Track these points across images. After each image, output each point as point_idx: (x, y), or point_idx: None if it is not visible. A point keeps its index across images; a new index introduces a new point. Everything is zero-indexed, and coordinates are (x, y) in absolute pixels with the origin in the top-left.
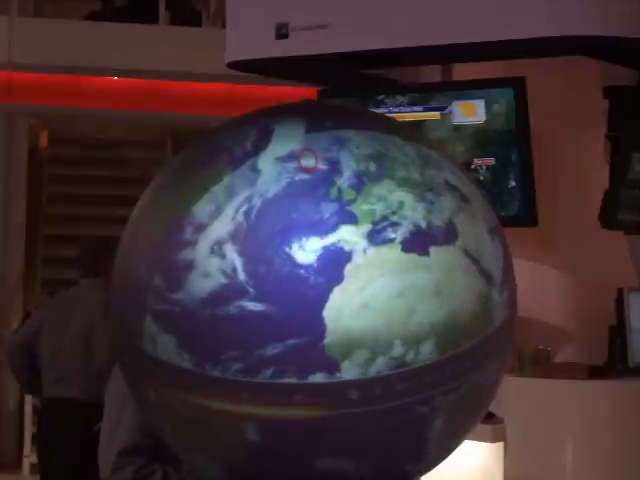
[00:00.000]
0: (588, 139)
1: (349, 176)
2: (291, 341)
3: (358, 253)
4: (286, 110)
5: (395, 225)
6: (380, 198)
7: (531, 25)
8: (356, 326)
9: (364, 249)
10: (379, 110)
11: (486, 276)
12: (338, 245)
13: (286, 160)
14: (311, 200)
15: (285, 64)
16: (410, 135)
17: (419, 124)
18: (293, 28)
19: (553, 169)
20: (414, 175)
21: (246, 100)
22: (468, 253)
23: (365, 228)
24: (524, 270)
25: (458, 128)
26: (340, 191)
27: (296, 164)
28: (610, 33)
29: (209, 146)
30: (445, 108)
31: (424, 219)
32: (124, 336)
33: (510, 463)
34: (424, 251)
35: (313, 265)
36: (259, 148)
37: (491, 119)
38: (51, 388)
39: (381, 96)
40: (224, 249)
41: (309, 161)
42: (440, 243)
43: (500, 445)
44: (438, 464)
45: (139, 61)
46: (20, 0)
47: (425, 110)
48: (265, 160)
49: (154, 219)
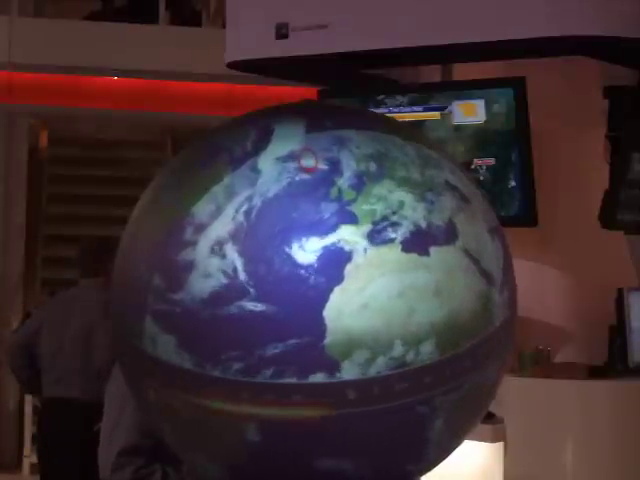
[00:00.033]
0: (588, 139)
1: (349, 176)
2: (291, 341)
3: (358, 253)
4: (286, 110)
5: (395, 225)
6: (380, 198)
7: (531, 25)
8: (356, 326)
9: (364, 249)
10: (379, 110)
11: (486, 276)
12: (338, 245)
13: (286, 160)
14: (311, 200)
15: (285, 64)
16: (410, 135)
17: (419, 124)
18: (293, 28)
19: (553, 169)
20: (414, 175)
21: (246, 100)
22: (468, 253)
23: (365, 228)
24: (524, 270)
25: (458, 128)
26: (340, 191)
27: (296, 164)
28: (610, 33)
29: (209, 146)
30: (445, 108)
31: (424, 219)
32: (124, 336)
33: (510, 463)
34: (424, 251)
35: (313, 265)
36: (259, 148)
37: (491, 119)
38: (51, 388)
39: (381, 96)
40: (224, 249)
41: (309, 161)
42: (440, 243)
43: (500, 445)
44: (438, 464)
45: (139, 61)
46: (20, 0)
47: (425, 110)
48: (265, 160)
49: (154, 219)
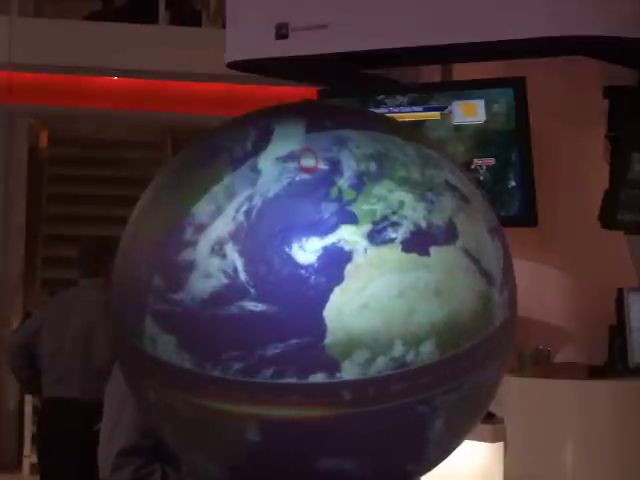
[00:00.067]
0: (588, 139)
1: (349, 176)
2: (291, 341)
3: (358, 253)
4: (286, 110)
5: (395, 225)
6: (380, 198)
7: (531, 25)
8: (356, 326)
9: (364, 249)
10: (379, 110)
11: (486, 276)
12: (338, 245)
13: (286, 160)
14: (311, 200)
15: (285, 64)
16: (410, 135)
17: (419, 124)
18: (293, 28)
19: (553, 169)
20: (414, 175)
21: (246, 100)
22: (468, 253)
23: (365, 228)
24: (524, 270)
25: (458, 128)
26: (340, 191)
27: (296, 164)
28: (610, 33)
29: (209, 146)
30: (445, 108)
31: (424, 219)
32: (124, 336)
33: (510, 463)
34: (424, 251)
35: (313, 265)
36: (259, 148)
37: (491, 119)
38: (51, 388)
39: (381, 96)
40: (225, 249)
41: (309, 161)
42: (440, 243)
43: (500, 445)
44: (438, 464)
45: (139, 61)
46: (20, 0)
47: (425, 110)
48: (265, 160)
49: (154, 219)
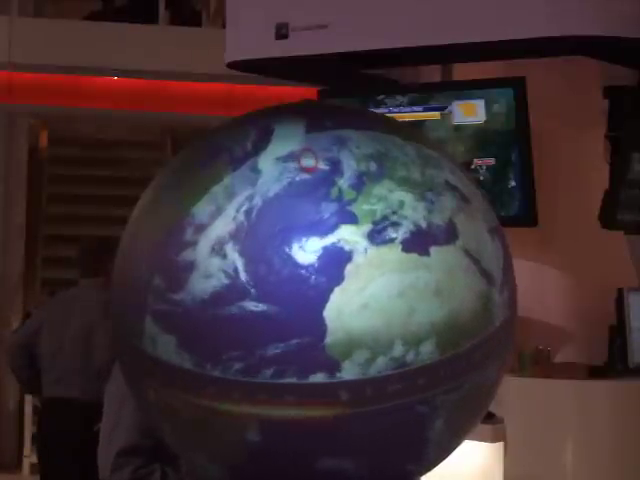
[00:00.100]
0: (588, 139)
1: (349, 176)
2: (292, 341)
3: (358, 253)
4: (286, 110)
5: (395, 225)
6: (380, 198)
7: (531, 25)
8: (356, 326)
9: (365, 249)
10: (379, 110)
11: (486, 276)
12: (338, 245)
13: (286, 160)
14: (312, 200)
15: (285, 64)
16: (410, 135)
17: (419, 124)
18: (293, 28)
19: (553, 169)
20: (414, 175)
21: (246, 100)
22: (468, 253)
23: (365, 228)
24: (524, 270)
25: (458, 128)
26: (340, 191)
27: (296, 164)
28: (610, 33)
29: (209, 146)
30: (445, 108)
31: (424, 219)
32: (124, 336)
33: (510, 463)
34: (424, 251)
35: (314, 265)
36: (259, 148)
37: (491, 119)
38: (51, 388)
39: (381, 96)
40: (225, 249)
41: (309, 161)
42: (440, 243)
43: (500, 445)
44: (438, 464)
45: (139, 61)
46: (20, 0)
47: (425, 110)
48: (265, 160)
49: (154, 219)
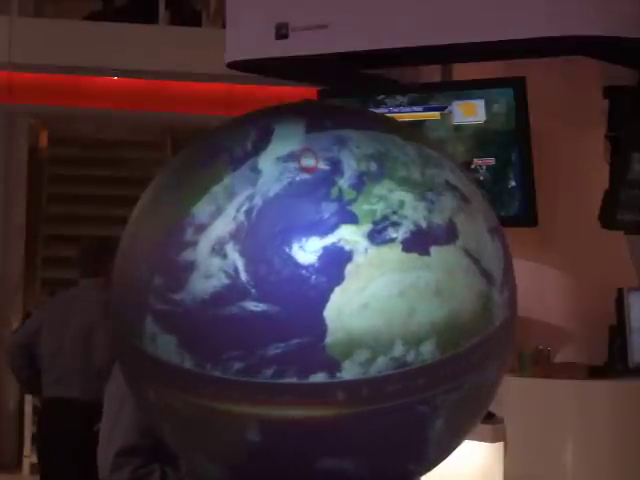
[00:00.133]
0: (588, 139)
1: (350, 176)
2: (292, 341)
3: (359, 253)
4: (286, 110)
5: (396, 225)
6: (381, 198)
7: (531, 25)
8: (357, 326)
9: (365, 249)
10: (379, 110)
11: (486, 276)
12: (339, 245)
13: (287, 160)
14: (312, 200)
15: (285, 64)
16: (410, 135)
17: (419, 124)
18: (293, 28)
19: (553, 169)
20: (414, 175)
21: (246, 100)
22: (468, 253)
23: (366, 228)
24: (524, 270)
25: (458, 128)
26: (341, 191)
27: (297, 164)
28: (610, 33)
29: (209, 146)
30: (445, 108)
31: (425, 219)
32: (124, 336)
33: (510, 463)
34: (425, 251)
35: (314, 265)
36: (259, 148)
37: (491, 119)
38: (51, 388)
39: (381, 96)
40: (225, 249)
41: (309, 161)
42: (441, 243)
43: (500, 445)
44: (438, 464)
45: (139, 61)
46: (20, 0)
47: (425, 110)
48: (265, 160)
49: (154, 219)
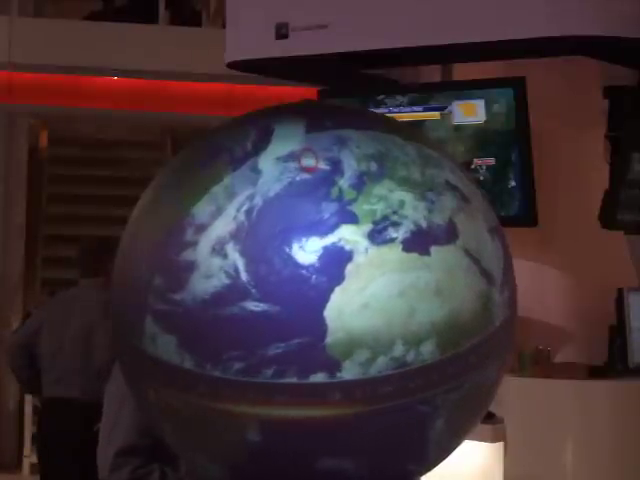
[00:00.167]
0: (588, 139)
1: (350, 176)
2: (292, 341)
3: (359, 253)
4: (286, 110)
5: (396, 225)
6: (381, 198)
7: (531, 25)
8: (357, 326)
9: (365, 249)
10: (379, 110)
11: (486, 276)
12: (339, 245)
13: (287, 160)
14: (312, 200)
15: (285, 64)
16: (411, 135)
17: (419, 124)
18: (293, 28)
19: (553, 169)
20: (415, 175)
21: (246, 100)
22: (469, 253)
23: (366, 228)
24: (524, 270)
25: (458, 128)
26: (341, 191)
27: (297, 164)
28: (610, 33)
29: (209, 146)
30: (445, 108)
31: (425, 219)
32: (124, 336)
33: (510, 463)
34: (425, 250)
35: (314, 265)
36: (259, 148)
37: (491, 119)
38: (51, 388)
39: (381, 96)
40: (226, 249)
41: (310, 161)
42: (441, 242)
43: (500, 445)
44: (438, 464)
45: (139, 61)
46: (20, 0)
47: (425, 110)
48: (265, 160)
49: (154, 219)
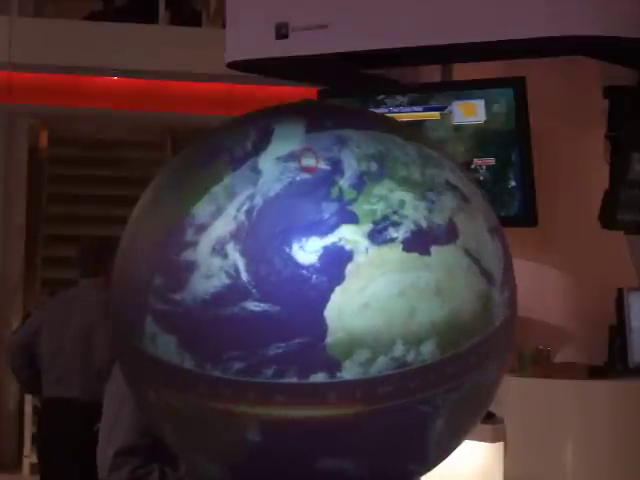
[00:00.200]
0: (588, 139)
1: (350, 176)
2: (293, 341)
3: (359, 253)
4: (286, 110)
5: (396, 224)
6: (381, 198)
7: (531, 25)
8: (357, 326)
9: (365, 249)
10: (379, 110)
11: (486, 275)
12: (339, 245)
13: (287, 160)
14: (312, 200)
15: (285, 64)
16: (411, 135)
17: (419, 124)
18: (293, 28)
19: (553, 169)
20: (415, 175)
21: (246, 100)
22: (469, 252)
23: (366, 228)
24: (524, 270)
25: (458, 128)
26: (341, 191)
27: (297, 164)
28: (610, 33)
29: (209, 146)
30: (445, 108)
31: (425, 218)
32: (124, 336)
33: (510, 463)
34: (425, 250)
35: (315, 265)
36: (259, 148)
37: (491, 119)
38: (51, 388)
39: (381, 96)
40: (226, 249)
41: (310, 161)
42: (441, 242)
43: (500, 445)
44: (438, 464)
45: (139, 61)
46: (20, 0)
47: (425, 110)
48: (266, 160)
49: (154, 219)
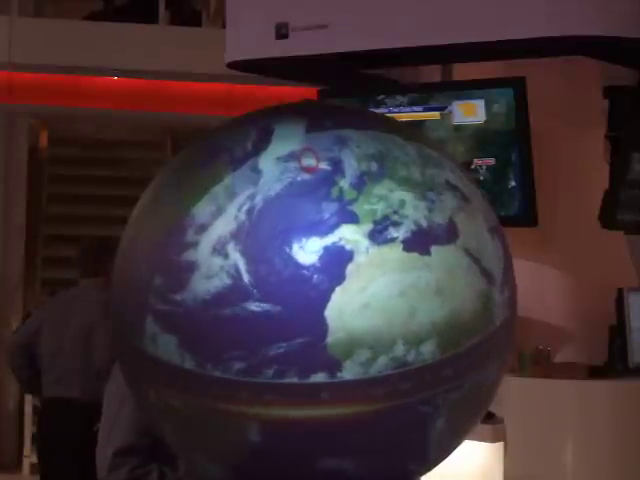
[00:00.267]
0: (588, 139)
1: (350, 176)
2: (293, 341)
3: (360, 252)
4: (286, 110)
5: (396, 224)
6: (381, 197)
7: (531, 25)
8: (358, 325)
9: (366, 248)
10: (379, 110)
11: (487, 275)
12: (339, 244)
13: (287, 160)
14: (313, 200)
15: (285, 64)
16: (411, 135)
17: (419, 124)
18: (293, 28)
19: (553, 169)
20: (415, 175)
21: (246, 100)
22: (469, 252)
23: (366, 227)
24: (524, 270)
25: (458, 128)
26: (341, 191)
27: (297, 164)
28: (610, 33)
29: (209, 146)
30: (445, 108)
31: (425, 218)
32: (124, 336)
33: (510, 463)
34: (425, 250)
35: (315, 265)
36: (259, 148)
37: (491, 119)
38: (51, 388)
39: (381, 96)
40: (226, 249)
41: (310, 161)
42: (441, 242)
43: (500, 445)
44: (438, 464)
45: (139, 61)
46: (20, 0)
47: (425, 110)
48: (266, 160)
49: (154, 219)
